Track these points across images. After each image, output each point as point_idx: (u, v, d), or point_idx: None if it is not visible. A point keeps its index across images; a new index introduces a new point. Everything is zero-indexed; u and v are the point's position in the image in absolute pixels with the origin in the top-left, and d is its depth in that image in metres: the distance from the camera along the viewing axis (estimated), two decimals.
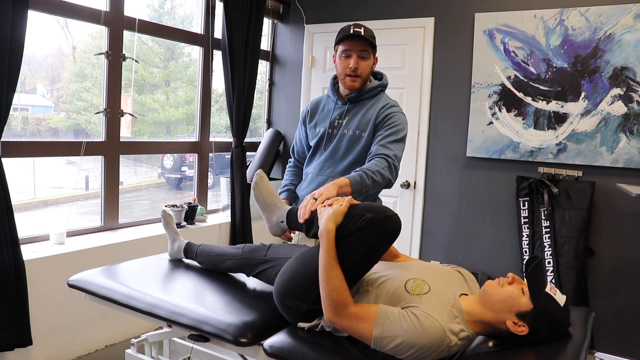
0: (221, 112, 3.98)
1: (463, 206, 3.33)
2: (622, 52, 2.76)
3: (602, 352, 2.88)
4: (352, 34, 1.93)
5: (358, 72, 1.95)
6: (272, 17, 3.89)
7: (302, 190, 2.15)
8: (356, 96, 2.02)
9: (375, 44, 1.97)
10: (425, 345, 1.30)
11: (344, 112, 2.04)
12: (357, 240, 1.43)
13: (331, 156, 2.04)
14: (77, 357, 2.59)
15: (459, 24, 3.26)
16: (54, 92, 3.27)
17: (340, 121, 2.03)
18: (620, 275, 2.87)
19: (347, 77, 1.97)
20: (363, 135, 1.97)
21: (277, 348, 1.47)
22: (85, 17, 2.63)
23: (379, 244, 1.43)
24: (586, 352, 1.38)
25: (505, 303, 1.37)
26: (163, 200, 5.57)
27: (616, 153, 2.80)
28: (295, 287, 1.54)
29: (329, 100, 2.12)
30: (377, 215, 1.41)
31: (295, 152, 2.28)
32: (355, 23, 1.98)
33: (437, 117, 3.39)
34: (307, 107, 2.21)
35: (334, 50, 2.03)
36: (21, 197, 3.41)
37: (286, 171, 2.31)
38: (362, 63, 1.95)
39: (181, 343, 2.29)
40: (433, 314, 1.34)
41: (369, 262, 1.47)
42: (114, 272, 2.02)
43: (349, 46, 1.95)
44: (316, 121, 2.12)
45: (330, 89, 2.11)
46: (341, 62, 1.98)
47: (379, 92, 2.05)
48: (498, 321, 1.38)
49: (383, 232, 1.42)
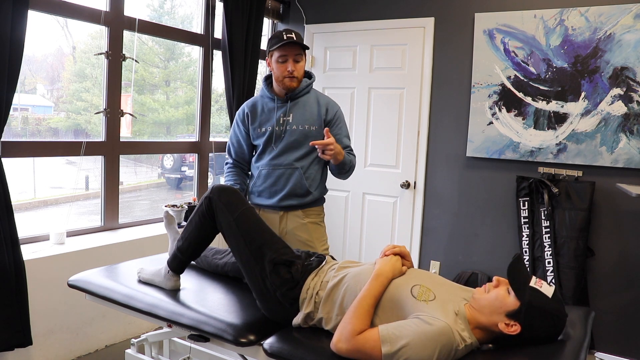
0: (221, 112, 3.98)
1: (463, 206, 3.33)
2: (622, 52, 2.76)
3: (602, 352, 2.88)
4: (286, 41, 2.12)
5: (295, 74, 2.16)
6: (272, 17, 3.89)
7: (258, 186, 2.28)
8: (296, 94, 2.22)
9: (306, 46, 2.18)
10: (434, 346, 1.28)
11: (287, 109, 2.22)
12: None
13: (285, 150, 2.21)
14: (77, 357, 2.59)
15: (459, 24, 3.26)
16: (54, 92, 3.28)
17: (286, 118, 2.22)
18: (620, 275, 2.87)
19: (285, 79, 2.17)
20: (313, 128, 2.21)
21: (277, 348, 1.47)
22: (85, 17, 2.63)
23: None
24: (586, 352, 1.38)
25: (493, 306, 1.38)
26: (163, 200, 5.57)
27: (616, 153, 2.80)
28: (252, 273, 1.66)
29: (268, 100, 2.28)
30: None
31: (233, 152, 2.37)
32: (286, 29, 2.17)
33: (437, 117, 3.39)
34: (243, 109, 2.33)
35: (268, 55, 2.22)
36: (21, 197, 3.42)
37: (226, 172, 2.38)
38: (297, 65, 2.17)
39: (181, 343, 2.30)
40: (440, 316, 1.34)
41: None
42: (114, 272, 2.02)
43: (285, 52, 2.15)
44: (259, 121, 2.26)
45: (266, 89, 2.28)
46: (278, 66, 2.17)
47: (311, 88, 2.30)
48: (491, 324, 1.38)
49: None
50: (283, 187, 2.22)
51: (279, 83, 2.21)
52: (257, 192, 2.29)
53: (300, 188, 2.21)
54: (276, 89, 2.25)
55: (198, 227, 1.81)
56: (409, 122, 3.47)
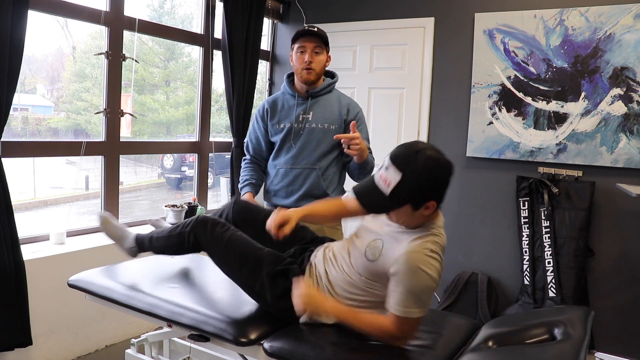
0: (221, 112, 3.98)
1: (463, 206, 3.33)
2: (622, 52, 2.76)
3: (602, 352, 2.88)
4: (306, 31, 2.15)
5: (312, 65, 2.14)
6: (272, 17, 3.89)
7: (275, 185, 2.25)
8: (316, 92, 2.20)
9: (327, 42, 2.17)
10: (427, 272, 1.36)
11: (307, 107, 2.20)
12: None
13: (303, 149, 2.18)
14: (77, 357, 2.58)
15: (459, 24, 3.26)
16: (54, 92, 3.28)
17: (305, 116, 2.19)
18: (620, 275, 2.87)
19: (303, 71, 2.15)
20: (332, 128, 2.18)
21: (277, 348, 1.47)
22: (85, 17, 2.63)
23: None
24: (586, 352, 1.38)
25: (408, 211, 1.42)
26: (163, 200, 5.57)
27: (616, 153, 2.80)
28: (253, 291, 1.67)
29: (289, 97, 2.25)
30: None
31: (251, 149, 2.35)
32: (310, 25, 2.19)
33: (437, 117, 3.39)
34: (263, 105, 2.31)
35: (291, 49, 2.21)
36: (21, 197, 3.42)
37: (243, 167, 2.36)
38: (316, 58, 2.15)
39: (181, 343, 2.29)
40: (402, 259, 1.38)
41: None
42: (114, 272, 2.02)
43: (304, 43, 2.15)
44: (279, 118, 2.24)
45: (288, 86, 2.26)
46: (297, 57, 2.17)
47: (333, 87, 2.27)
48: (413, 219, 1.45)
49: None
50: (300, 187, 2.19)
51: (297, 76, 2.20)
52: (274, 190, 2.25)
53: (318, 189, 2.18)
54: (297, 85, 2.23)
55: (175, 249, 1.86)
56: (409, 122, 3.47)
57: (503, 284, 3.19)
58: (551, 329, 1.49)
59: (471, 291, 3.18)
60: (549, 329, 1.49)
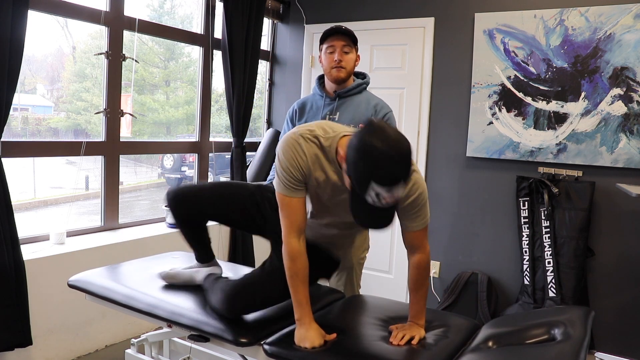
0: (221, 112, 3.98)
1: (463, 206, 3.33)
2: (622, 52, 2.76)
3: (602, 352, 2.88)
4: (334, 30, 2.15)
5: (342, 64, 2.13)
6: (272, 17, 3.89)
7: None
8: (344, 92, 2.19)
9: (356, 40, 2.15)
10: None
11: (334, 107, 2.19)
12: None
13: None
14: (77, 357, 2.58)
15: (459, 24, 3.26)
16: (54, 92, 3.28)
17: (332, 117, 2.18)
18: (620, 275, 2.87)
19: (333, 70, 2.15)
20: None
21: (277, 348, 1.47)
22: (85, 17, 2.63)
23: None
24: (586, 352, 1.38)
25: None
26: (163, 200, 5.56)
27: (616, 153, 2.80)
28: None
29: (317, 98, 2.25)
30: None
31: None
32: (337, 25, 2.19)
33: (437, 117, 3.39)
34: (294, 107, 2.33)
35: (319, 50, 2.22)
36: (21, 197, 3.42)
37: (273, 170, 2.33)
38: (345, 56, 2.14)
39: (181, 343, 2.29)
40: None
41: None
42: (114, 272, 2.02)
43: (333, 42, 2.15)
44: (306, 118, 2.24)
45: (318, 88, 2.25)
46: (326, 57, 2.17)
47: (364, 88, 2.25)
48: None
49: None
50: None
51: (327, 75, 2.20)
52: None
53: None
54: (327, 86, 2.24)
55: (193, 234, 1.91)
56: (409, 122, 3.47)
57: (503, 284, 3.19)
58: (551, 329, 1.49)
59: (471, 291, 3.18)
60: (549, 329, 1.49)
